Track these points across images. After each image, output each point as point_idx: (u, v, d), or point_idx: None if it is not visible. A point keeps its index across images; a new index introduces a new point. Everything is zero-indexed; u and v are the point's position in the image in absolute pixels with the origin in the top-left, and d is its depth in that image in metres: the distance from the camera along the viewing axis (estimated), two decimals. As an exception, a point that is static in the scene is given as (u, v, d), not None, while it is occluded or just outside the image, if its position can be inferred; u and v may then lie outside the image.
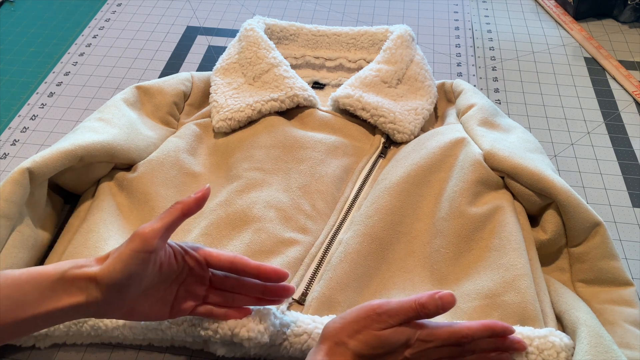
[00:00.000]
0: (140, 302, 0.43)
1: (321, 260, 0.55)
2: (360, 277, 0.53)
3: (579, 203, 0.53)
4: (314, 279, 0.54)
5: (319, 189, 0.60)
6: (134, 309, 0.43)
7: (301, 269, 0.54)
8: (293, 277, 0.53)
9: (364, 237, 0.55)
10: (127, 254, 0.40)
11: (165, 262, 0.43)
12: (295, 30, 0.78)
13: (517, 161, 0.57)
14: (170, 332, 0.48)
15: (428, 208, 0.59)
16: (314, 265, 0.54)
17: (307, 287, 0.53)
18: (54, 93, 0.80)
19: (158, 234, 0.41)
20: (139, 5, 0.99)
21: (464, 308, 0.51)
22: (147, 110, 0.68)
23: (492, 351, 0.45)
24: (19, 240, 0.52)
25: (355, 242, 0.54)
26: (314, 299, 0.51)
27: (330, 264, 0.54)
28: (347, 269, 0.53)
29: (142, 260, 0.41)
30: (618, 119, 0.76)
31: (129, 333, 0.49)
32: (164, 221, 0.42)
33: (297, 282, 0.53)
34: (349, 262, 0.53)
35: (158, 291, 0.44)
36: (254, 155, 0.62)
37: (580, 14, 0.94)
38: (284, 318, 0.49)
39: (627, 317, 0.50)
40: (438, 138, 0.63)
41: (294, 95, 0.66)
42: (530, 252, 0.54)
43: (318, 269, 0.54)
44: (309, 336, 0.48)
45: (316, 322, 0.49)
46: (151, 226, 0.41)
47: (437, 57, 0.87)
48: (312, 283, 0.53)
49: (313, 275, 0.54)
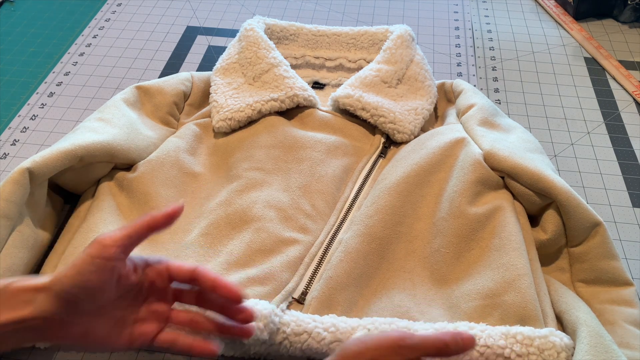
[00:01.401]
0: (96, 322, 0.40)
1: (321, 259, 0.55)
2: (360, 277, 0.53)
3: (579, 203, 0.53)
4: (313, 278, 0.54)
5: (319, 188, 0.60)
6: (89, 331, 0.40)
7: (301, 268, 0.54)
8: (293, 276, 0.53)
9: (364, 237, 0.55)
10: (82, 259, 0.37)
11: (124, 276, 0.40)
12: (295, 30, 0.78)
13: (517, 161, 0.57)
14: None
15: (428, 208, 0.59)
16: (314, 265, 0.55)
17: (307, 286, 0.53)
18: (54, 93, 0.80)
19: (118, 242, 0.38)
20: (139, 5, 0.99)
21: (464, 308, 0.51)
22: (147, 110, 0.68)
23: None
24: (19, 240, 0.52)
25: (355, 242, 0.55)
26: (313, 298, 0.51)
27: (330, 263, 0.54)
28: (347, 268, 0.53)
29: (98, 267, 0.37)
30: (618, 119, 0.76)
31: None
32: (127, 230, 0.39)
33: (297, 281, 0.53)
34: (349, 262, 0.53)
35: (116, 309, 0.41)
36: (254, 155, 0.62)
37: (580, 14, 0.94)
38: (283, 317, 0.49)
39: (627, 317, 0.50)
40: (438, 138, 0.63)
41: (294, 95, 0.66)
42: (530, 252, 0.54)
43: (318, 268, 0.54)
44: (309, 335, 0.48)
45: (316, 321, 0.49)
46: (113, 233, 0.39)
47: (437, 57, 0.87)
48: (312, 282, 0.53)
49: (313, 274, 0.54)
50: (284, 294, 0.51)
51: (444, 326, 0.48)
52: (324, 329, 0.48)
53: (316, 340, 0.47)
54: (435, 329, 0.47)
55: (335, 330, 0.48)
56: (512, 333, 0.47)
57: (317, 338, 0.47)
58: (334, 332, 0.48)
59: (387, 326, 0.48)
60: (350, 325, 0.48)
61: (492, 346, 0.46)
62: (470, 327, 0.48)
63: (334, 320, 0.49)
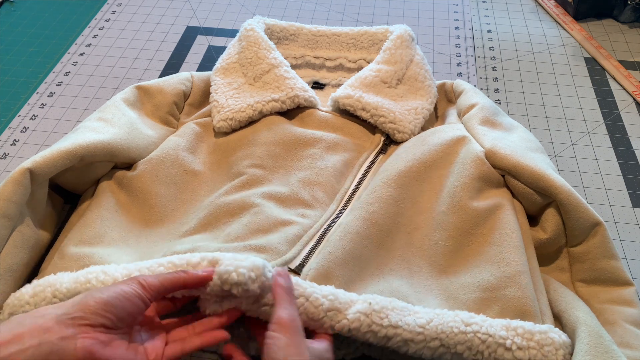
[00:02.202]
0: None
1: (320, 238, 0.54)
2: (358, 258, 0.53)
3: (579, 202, 0.54)
4: (311, 254, 0.53)
5: (318, 180, 0.60)
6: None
7: (299, 244, 0.53)
8: (290, 250, 0.52)
9: (364, 221, 0.55)
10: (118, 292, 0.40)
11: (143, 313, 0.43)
12: (295, 30, 0.78)
13: (518, 159, 0.57)
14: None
15: (428, 202, 0.59)
16: (312, 242, 0.54)
17: (304, 260, 0.52)
18: (54, 93, 0.80)
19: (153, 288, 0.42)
20: (139, 5, 0.99)
21: (463, 299, 0.51)
22: (147, 110, 0.68)
23: None
24: (19, 240, 0.52)
25: (356, 225, 0.54)
26: (312, 269, 0.50)
27: (329, 242, 0.53)
28: (347, 247, 0.52)
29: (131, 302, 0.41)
30: (618, 119, 0.76)
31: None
32: (162, 281, 0.43)
33: (296, 254, 0.52)
34: (348, 241, 0.53)
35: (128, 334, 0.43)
36: (255, 153, 0.62)
37: (580, 14, 0.94)
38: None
39: (627, 317, 0.50)
40: (439, 135, 0.63)
41: (294, 96, 0.66)
42: (528, 250, 0.54)
43: (317, 246, 0.54)
44: (307, 299, 0.46)
45: (314, 287, 0.47)
46: (150, 279, 0.42)
47: (437, 57, 0.87)
48: (309, 257, 0.53)
49: (311, 250, 0.53)
50: (280, 261, 0.51)
51: (445, 312, 0.47)
52: (322, 296, 0.46)
53: (314, 305, 0.46)
54: (436, 314, 0.47)
55: (334, 298, 0.46)
56: (513, 326, 0.46)
57: (315, 303, 0.46)
58: (332, 300, 0.46)
59: (388, 303, 0.46)
60: (349, 297, 0.47)
61: (493, 335, 0.45)
62: (471, 317, 0.47)
63: (333, 290, 0.47)
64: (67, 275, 0.49)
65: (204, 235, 0.56)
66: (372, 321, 0.45)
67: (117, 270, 0.48)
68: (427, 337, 0.45)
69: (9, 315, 0.48)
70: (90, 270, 0.49)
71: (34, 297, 0.48)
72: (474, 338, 0.45)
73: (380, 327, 0.45)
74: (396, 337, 0.45)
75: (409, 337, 0.45)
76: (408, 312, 0.47)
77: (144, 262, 0.49)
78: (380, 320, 0.45)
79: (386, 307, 0.46)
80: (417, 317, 0.46)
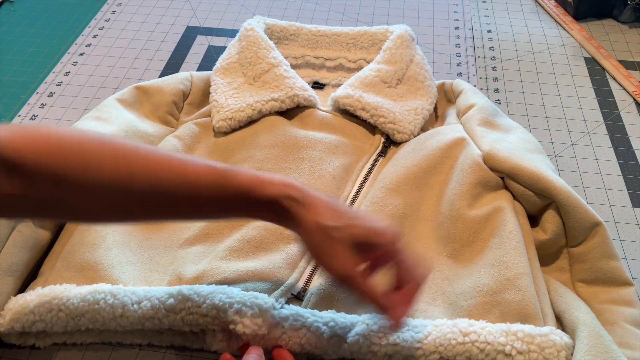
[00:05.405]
0: None
1: None
2: None
3: (578, 203, 0.53)
4: (313, 275, 0.54)
5: (319, 187, 0.60)
6: None
7: (300, 265, 0.54)
8: (291, 274, 0.53)
9: None
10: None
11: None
12: (295, 30, 0.78)
13: (516, 161, 0.57)
14: (167, 321, 0.48)
15: (429, 210, 0.59)
16: (313, 263, 0.54)
17: (306, 283, 0.53)
18: (54, 93, 0.80)
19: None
20: (139, 5, 0.99)
21: (464, 305, 0.51)
22: (146, 109, 0.68)
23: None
24: (19, 240, 0.52)
25: None
26: (313, 294, 0.51)
27: None
28: None
29: None
30: (618, 119, 0.76)
31: (126, 323, 0.48)
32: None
33: (297, 278, 0.53)
34: None
35: None
36: (255, 155, 0.62)
37: (580, 14, 0.94)
38: (282, 311, 0.48)
39: (627, 317, 0.50)
40: (438, 138, 0.63)
41: (294, 95, 0.66)
42: (529, 251, 0.54)
43: (317, 267, 0.54)
44: (308, 329, 0.47)
45: (315, 316, 0.48)
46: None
47: (437, 57, 0.87)
48: (311, 279, 0.53)
49: (313, 271, 0.54)
50: (283, 289, 0.51)
51: (444, 323, 0.48)
52: (323, 324, 0.48)
53: (315, 335, 0.47)
54: (434, 327, 0.47)
55: (335, 325, 0.48)
56: (513, 330, 0.47)
57: (316, 332, 0.47)
58: (333, 327, 0.47)
59: (386, 322, 0.47)
60: (349, 320, 0.48)
61: (492, 343, 0.46)
62: (470, 324, 0.47)
63: (333, 316, 0.49)
64: (74, 289, 0.49)
65: (205, 246, 0.56)
66: (371, 342, 0.46)
67: (126, 295, 0.49)
68: (425, 352, 0.46)
69: (11, 320, 0.48)
70: (99, 289, 0.49)
71: (39, 307, 0.48)
72: (472, 348, 0.46)
73: (380, 347, 0.46)
74: (396, 355, 0.46)
75: (408, 353, 0.46)
76: (407, 328, 0.47)
77: (154, 291, 0.49)
78: (378, 340, 0.46)
79: (384, 325, 0.47)
80: (415, 332, 0.47)
